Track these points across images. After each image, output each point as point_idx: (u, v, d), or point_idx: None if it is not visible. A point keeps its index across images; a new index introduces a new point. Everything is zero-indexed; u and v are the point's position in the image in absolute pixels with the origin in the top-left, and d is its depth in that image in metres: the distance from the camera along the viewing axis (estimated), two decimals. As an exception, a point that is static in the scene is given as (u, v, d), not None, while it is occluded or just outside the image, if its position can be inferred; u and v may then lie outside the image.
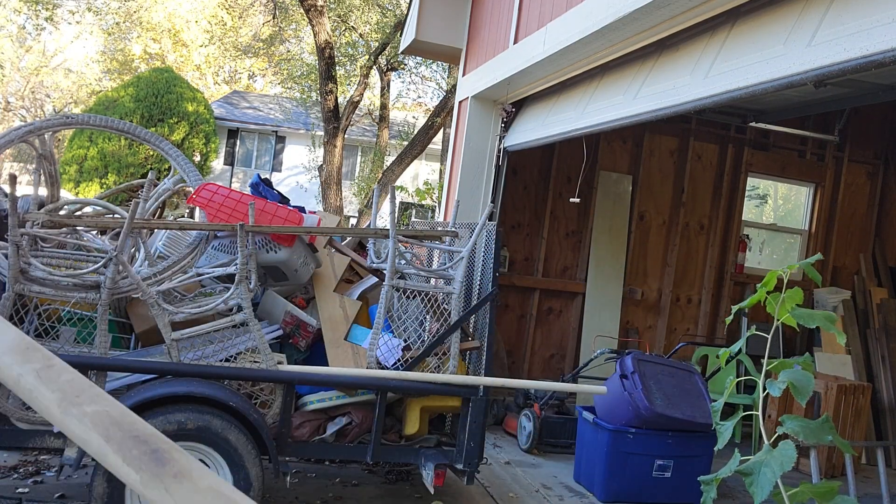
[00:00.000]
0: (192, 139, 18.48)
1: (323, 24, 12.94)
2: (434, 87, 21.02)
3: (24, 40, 26.71)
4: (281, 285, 4.17)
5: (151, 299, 3.53)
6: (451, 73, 16.30)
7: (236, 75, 30.30)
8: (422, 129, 14.49)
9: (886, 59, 2.51)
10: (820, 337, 7.12)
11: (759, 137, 7.68)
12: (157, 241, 4.35)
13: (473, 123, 6.47)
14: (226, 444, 3.50)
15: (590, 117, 4.77)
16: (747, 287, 7.80)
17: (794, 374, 1.43)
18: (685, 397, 4.77)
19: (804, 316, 1.48)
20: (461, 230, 4.39)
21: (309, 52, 19.57)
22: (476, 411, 3.91)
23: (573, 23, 4.44)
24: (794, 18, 3.14)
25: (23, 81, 27.61)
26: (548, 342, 7.28)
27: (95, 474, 3.39)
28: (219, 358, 3.69)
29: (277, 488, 4.21)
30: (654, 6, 3.64)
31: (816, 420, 1.41)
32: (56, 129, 4.35)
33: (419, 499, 4.48)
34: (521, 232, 7.19)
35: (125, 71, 25.61)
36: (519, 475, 5.13)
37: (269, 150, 24.31)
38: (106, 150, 17.12)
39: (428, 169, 23.25)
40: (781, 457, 1.34)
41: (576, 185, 6.59)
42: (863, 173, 8.03)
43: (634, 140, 7.42)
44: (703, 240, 7.66)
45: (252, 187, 4.38)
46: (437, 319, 4.01)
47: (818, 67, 2.83)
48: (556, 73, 5.23)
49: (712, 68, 3.62)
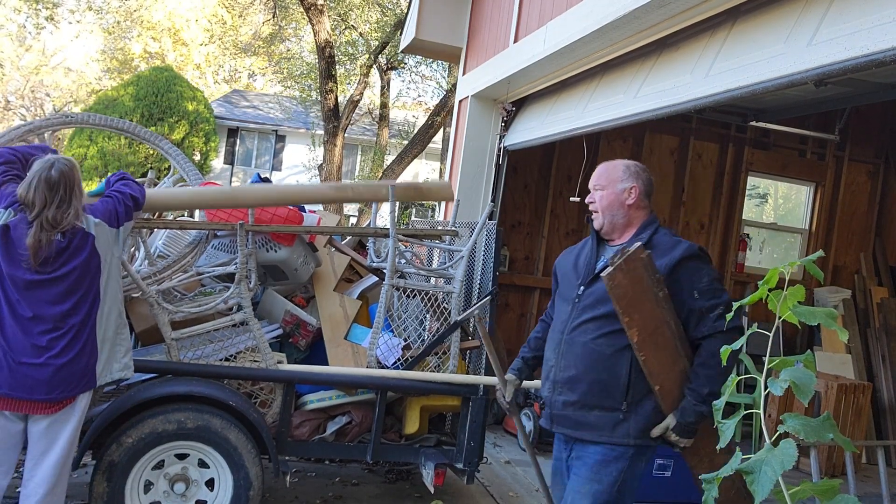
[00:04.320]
0: (192, 138, 18.47)
1: (323, 23, 12.93)
2: (434, 86, 21.03)
3: (24, 39, 26.71)
4: (281, 284, 4.17)
5: (151, 298, 3.53)
6: (452, 72, 16.30)
7: (236, 74, 30.29)
8: (422, 129, 14.49)
9: (887, 58, 2.50)
10: (820, 336, 7.12)
11: (759, 136, 7.67)
12: (156, 240, 4.35)
13: (473, 122, 6.46)
14: (226, 444, 3.50)
15: (590, 116, 4.76)
16: (748, 286, 7.80)
17: (796, 373, 1.43)
18: (685, 396, 4.77)
19: (805, 313, 1.48)
20: (461, 229, 4.38)
21: (309, 50, 19.57)
22: (476, 410, 3.91)
23: (573, 22, 4.44)
24: (794, 17, 3.14)
25: (22, 80, 27.61)
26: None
27: (95, 474, 3.39)
28: (218, 357, 3.69)
29: (277, 487, 4.21)
30: (654, 5, 3.63)
31: (817, 418, 1.41)
32: (56, 128, 4.35)
33: (419, 498, 4.48)
34: (522, 231, 7.19)
35: (125, 70, 25.60)
36: (519, 474, 5.12)
37: (269, 149, 24.30)
38: (106, 149, 17.11)
39: (428, 168, 23.26)
40: (782, 455, 1.34)
41: (576, 183, 6.58)
42: (863, 172, 8.03)
43: (635, 139, 7.41)
44: (703, 239, 7.65)
45: (252, 186, 4.37)
46: (438, 319, 4.00)
47: (819, 66, 2.83)
48: (557, 72, 5.23)
49: (713, 67, 3.61)
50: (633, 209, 2.65)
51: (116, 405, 3.44)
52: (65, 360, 2.79)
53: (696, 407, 2.45)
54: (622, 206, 2.64)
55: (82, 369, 2.85)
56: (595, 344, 2.52)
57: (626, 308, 2.41)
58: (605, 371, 2.50)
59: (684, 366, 2.52)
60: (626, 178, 2.66)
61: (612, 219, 2.65)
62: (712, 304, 2.50)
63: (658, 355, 2.46)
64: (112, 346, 3.00)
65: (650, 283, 2.44)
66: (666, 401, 2.49)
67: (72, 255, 2.83)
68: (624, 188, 2.64)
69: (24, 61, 27.88)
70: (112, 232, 3.01)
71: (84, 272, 2.86)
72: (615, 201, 2.64)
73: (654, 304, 2.45)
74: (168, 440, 3.46)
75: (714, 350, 2.39)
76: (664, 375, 2.47)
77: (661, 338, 2.46)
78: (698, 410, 2.45)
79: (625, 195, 2.64)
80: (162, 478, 3.52)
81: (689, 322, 2.53)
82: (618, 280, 2.39)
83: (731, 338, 2.40)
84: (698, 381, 2.47)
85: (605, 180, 2.68)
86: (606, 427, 2.50)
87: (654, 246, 2.56)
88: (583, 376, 2.53)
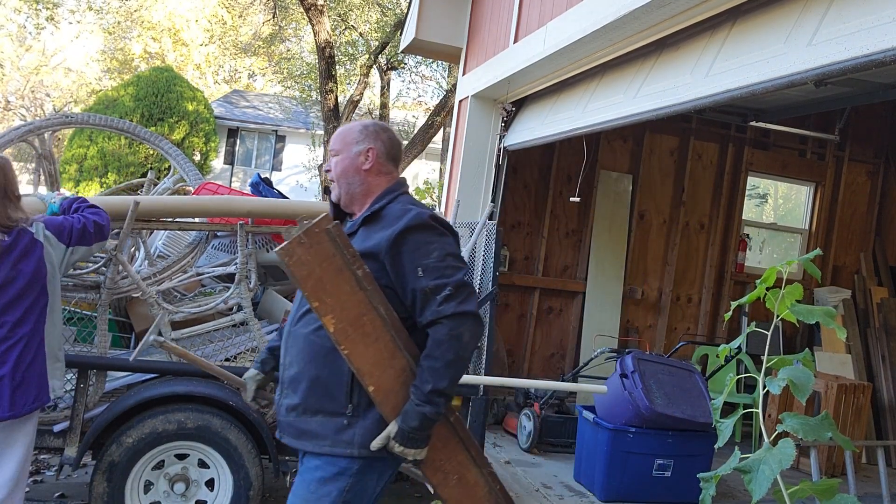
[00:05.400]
0: (192, 138, 18.47)
1: (323, 23, 12.93)
2: (434, 86, 21.03)
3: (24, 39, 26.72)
4: (281, 284, 4.17)
5: (151, 299, 3.53)
6: (452, 73, 16.30)
7: (236, 74, 30.30)
8: (422, 129, 14.49)
9: (887, 58, 2.50)
10: (820, 336, 7.12)
11: (759, 137, 7.68)
12: (156, 240, 4.36)
13: (473, 122, 6.47)
14: (226, 444, 3.50)
15: (590, 116, 4.77)
16: (748, 286, 7.80)
17: (794, 372, 1.44)
18: (685, 396, 4.77)
19: (804, 312, 1.48)
20: (461, 229, 4.39)
21: (309, 51, 19.57)
22: (476, 410, 3.91)
23: (573, 22, 4.44)
24: (794, 17, 3.14)
25: (23, 80, 27.62)
26: (548, 341, 7.28)
27: (95, 474, 3.39)
28: (219, 357, 3.69)
29: (277, 488, 4.21)
30: (654, 5, 3.64)
31: (816, 417, 1.41)
32: (56, 128, 4.36)
33: (419, 498, 4.48)
34: (522, 231, 7.19)
35: (125, 70, 25.61)
36: (519, 474, 5.13)
37: (269, 150, 24.31)
38: (106, 150, 17.11)
39: (428, 168, 23.25)
40: (780, 454, 1.34)
41: (576, 184, 6.59)
42: (863, 172, 8.03)
43: (635, 139, 7.42)
44: (703, 239, 7.66)
45: (252, 186, 4.39)
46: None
47: (819, 66, 2.83)
48: (557, 72, 5.23)
49: (713, 67, 3.62)
50: (372, 175, 2.27)
51: (116, 405, 3.45)
52: (20, 374, 2.70)
53: (419, 408, 2.02)
54: (358, 171, 2.26)
55: (37, 383, 2.77)
56: (316, 336, 2.13)
57: (313, 290, 2.02)
58: (326, 368, 2.10)
59: (407, 362, 2.10)
60: (361, 139, 2.28)
61: (348, 188, 2.27)
62: (438, 283, 2.06)
63: (368, 349, 2.05)
64: (55, 362, 2.91)
65: (344, 261, 2.05)
66: (386, 404, 2.08)
67: (20, 259, 2.72)
68: (359, 151, 2.26)
69: (25, 61, 27.89)
70: (60, 248, 2.88)
71: (33, 280, 2.75)
72: (349, 167, 2.26)
73: (354, 286, 2.05)
74: (168, 440, 3.47)
75: (439, 339, 2.03)
76: (379, 374, 2.06)
77: (370, 327, 2.05)
78: (421, 412, 2.02)
79: (360, 159, 2.26)
80: (162, 478, 3.53)
81: (415, 306, 2.10)
82: (297, 256, 2.01)
83: (460, 324, 2.03)
84: (421, 376, 2.04)
85: (339, 144, 2.30)
86: (329, 435, 2.10)
87: (382, 217, 2.18)
88: (303, 375, 2.14)
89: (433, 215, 2.18)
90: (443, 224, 2.20)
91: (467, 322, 2.05)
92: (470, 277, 4.05)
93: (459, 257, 2.18)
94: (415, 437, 2.04)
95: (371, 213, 2.21)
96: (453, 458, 2.19)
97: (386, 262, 2.10)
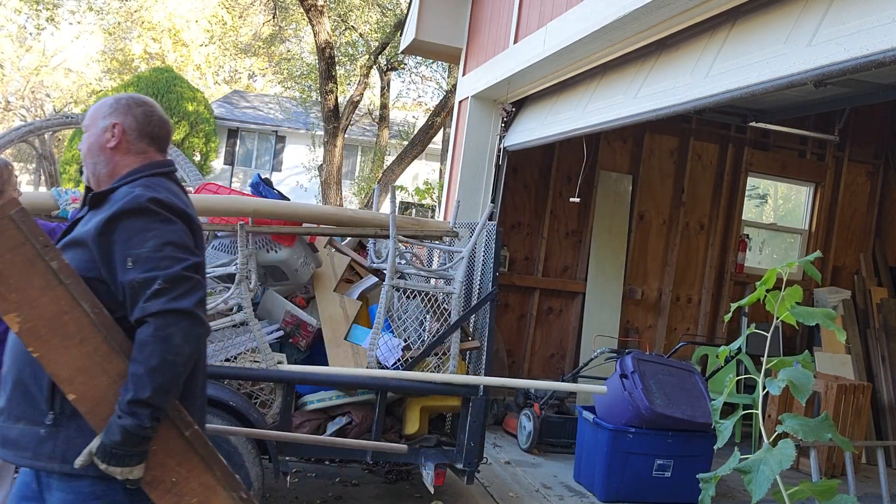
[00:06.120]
0: (192, 139, 18.50)
1: (323, 24, 12.94)
2: (434, 86, 21.03)
3: (24, 40, 26.72)
4: (281, 285, 4.17)
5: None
6: (451, 73, 16.31)
7: (236, 75, 30.31)
8: (422, 129, 14.49)
9: (887, 58, 2.51)
10: (820, 336, 7.12)
11: (759, 137, 7.68)
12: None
13: (473, 123, 6.47)
14: (226, 444, 3.50)
15: (590, 117, 4.77)
16: (747, 287, 7.80)
17: (794, 373, 1.44)
18: (685, 397, 4.77)
19: (803, 313, 1.48)
20: (461, 230, 4.39)
21: (309, 51, 19.58)
22: (476, 411, 3.91)
23: (573, 22, 4.45)
24: (794, 18, 3.14)
25: (23, 81, 27.63)
26: (548, 342, 7.28)
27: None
28: (219, 358, 3.69)
29: (277, 488, 4.22)
30: (654, 6, 3.64)
31: (816, 418, 1.41)
32: (56, 128, 4.36)
33: (419, 498, 4.48)
34: (522, 231, 7.19)
35: (125, 70, 25.63)
36: (519, 475, 5.13)
37: (269, 150, 24.32)
38: (106, 150, 17.12)
39: (428, 168, 23.26)
40: (780, 455, 1.35)
41: (576, 184, 6.59)
42: (863, 173, 8.03)
43: (634, 139, 7.42)
44: (703, 239, 7.67)
45: (252, 187, 4.38)
46: (437, 319, 4.01)
47: (818, 67, 2.83)
48: (557, 72, 5.23)
49: (712, 68, 3.62)
50: (119, 154, 2.00)
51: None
52: None
53: (120, 420, 1.73)
54: (103, 150, 2.00)
55: None
56: None
57: None
58: (27, 369, 1.84)
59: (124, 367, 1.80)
60: (109, 114, 2.02)
61: (94, 167, 2.02)
62: (148, 276, 1.77)
63: (70, 352, 1.78)
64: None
65: (35, 252, 1.79)
66: (95, 415, 1.79)
67: None
68: (105, 126, 2.01)
69: (25, 62, 27.90)
70: None
71: None
72: (94, 144, 2.01)
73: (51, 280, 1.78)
74: (168, 440, 3.46)
75: (143, 340, 1.75)
76: (85, 380, 1.79)
77: (74, 327, 1.79)
78: (121, 425, 1.72)
79: (106, 136, 2.00)
80: (162, 478, 3.52)
81: (127, 303, 1.82)
82: None
83: (170, 323, 1.76)
84: (125, 384, 1.76)
85: (89, 119, 2.05)
86: (30, 447, 1.82)
87: (108, 200, 1.91)
88: (9, 375, 1.90)
89: (156, 198, 1.86)
90: (169, 209, 1.88)
91: (180, 321, 1.76)
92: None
93: (185, 247, 1.86)
94: (119, 454, 1.75)
95: (99, 195, 1.94)
96: (192, 479, 1.87)
97: (94, 250, 1.83)
